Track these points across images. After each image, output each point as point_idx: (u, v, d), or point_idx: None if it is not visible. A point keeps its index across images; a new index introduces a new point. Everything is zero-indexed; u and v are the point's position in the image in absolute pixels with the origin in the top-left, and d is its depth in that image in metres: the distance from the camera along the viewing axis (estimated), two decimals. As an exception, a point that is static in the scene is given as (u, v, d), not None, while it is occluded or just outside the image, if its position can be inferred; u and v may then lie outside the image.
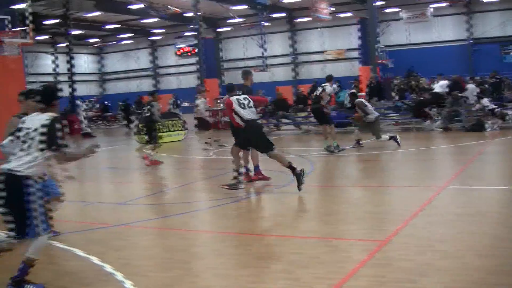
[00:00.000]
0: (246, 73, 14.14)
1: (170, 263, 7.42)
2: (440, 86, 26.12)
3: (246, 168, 13.38)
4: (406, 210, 9.55)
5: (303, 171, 12.00)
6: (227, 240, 8.48)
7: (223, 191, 12.30)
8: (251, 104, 12.50)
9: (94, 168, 19.02)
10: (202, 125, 23.82)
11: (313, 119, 22.56)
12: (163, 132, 22.83)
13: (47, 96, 6.90)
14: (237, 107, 12.33)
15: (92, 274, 7.16)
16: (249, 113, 12.35)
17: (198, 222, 10.07)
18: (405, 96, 32.23)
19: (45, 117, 6.64)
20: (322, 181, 14.14)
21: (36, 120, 6.63)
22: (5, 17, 21.41)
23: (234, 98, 12.49)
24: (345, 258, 7.17)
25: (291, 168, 12.04)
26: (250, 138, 12.46)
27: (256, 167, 13.48)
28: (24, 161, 6.48)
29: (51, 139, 6.54)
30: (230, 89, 13.26)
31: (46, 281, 6.98)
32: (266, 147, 12.32)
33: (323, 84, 18.50)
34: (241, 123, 12.35)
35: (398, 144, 18.73)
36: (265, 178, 13.45)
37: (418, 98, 27.04)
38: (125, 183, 15.80)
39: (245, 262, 7.32)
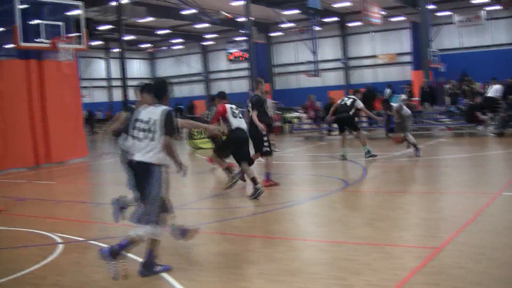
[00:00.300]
0: (258, 82, 14.60)
1: (222, 268, 7.45)
2: (494, 90, 25.71)
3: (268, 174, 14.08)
4: (460, 217, 9.44)
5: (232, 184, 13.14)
6: (279, 245, 8.46)
7: (275, 196, 12.32)
8: (240, 114, 13.28)
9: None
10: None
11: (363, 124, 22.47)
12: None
13: (158, 90, 7.55)
14: (229, 115, 12.95)
15: (145, 278, 7.23)
16: (237, 123, 13.00)
17: (249, 227, 10.08)
18: (457, 101, 31.81)
19: (162, 108, 7.29)
20: (374, 187, 14.05)
21: (154, 114, 7.28)
22: (60, 23, 21.79)
23: (228, 106, 13.09)
24: (398, 265, 7.11)
25: (232, 183, 13.25)
26: (231, 144, 13.18)
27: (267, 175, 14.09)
28: (150, 151, 7.18)
29: (167, 128, 7.16)
30: (222, 97, 13.88)
31: (97, 285, 7.07)
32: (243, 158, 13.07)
33: (350, 96, 18.52)
34: (226, 130, 13.08)
35: (417, 155, 18.13)
36: (274, 184, 14.05)
37: (470, 103, 26.70)
38: (177, 188, 15.88)
39: (296, 267, 7.30)
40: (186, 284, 6.80)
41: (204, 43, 65.52)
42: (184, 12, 44.45)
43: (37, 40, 21.27)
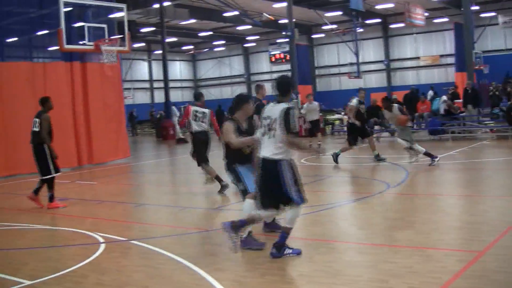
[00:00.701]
0: (258, 87, 14.59)
1: (263, 269, 7.43)
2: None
3: None
4: (503, 221, 9.33)
5: (226, 184, 13.79)
6: (320, 247, 8.42)
7: (316, 198, 12.28)
8: (205, 119, 14.18)
9: (187, 173, 19.27)
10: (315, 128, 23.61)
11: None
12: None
13: (283, 87, 7.99)
14: (190, 118, 14.08)
15: (186, 278, 7.25)
16: (197, 126, 14.12)
17: (290, 229, 10.05)
18: (500, 103, 31.35)
19: (282, 106, 7.74)
20: (415, 190, 13.94)
21: (275, 110, 7.76)
22: (103, 25, 22.00)
23: (193, 109, 14.15)
24: (440, 268, 7.02)
25: (218, 179, 14.11)
26: (194, 147, 14.43)
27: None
28: (273, 148, 7.71)
29: (287, 124, 7.58)
30: (196, 97, 14.77)
31: (138, 284, 7.12)
32: (200, 160, 14.32)
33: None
34: (189, 132, 14.36)
35: (413, 160, 17.51)
36: None
37: (508, 104, 26.35)
38: (216, 189, 15.93)
39: (338, 269, 7.26)
40: (228, 285, 6.80)
41: (246, 45, 65.71)
42: (226, 14, 44.63)
43: (80, 43, 21.53)
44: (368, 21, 51.51)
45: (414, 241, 8.52)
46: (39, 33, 23.33)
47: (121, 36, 22.76)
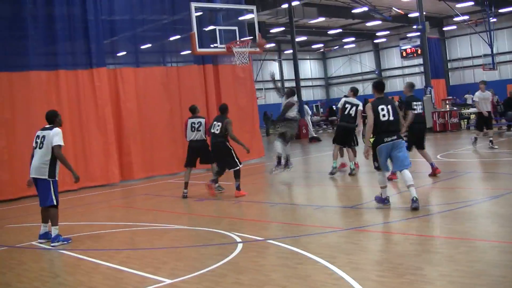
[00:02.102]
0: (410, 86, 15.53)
1: (401, 269, 7.28)
2: None
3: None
4: None
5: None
6: (461, 246, 8.16)
7: (454, 195, 11.97)
8: (200, 128, 15.73)
9: (320, 172, 19.23)
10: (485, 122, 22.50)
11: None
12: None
13: None
14: (188, 128, 15.83)
15: (323, 278, 7.19)
16: (192, 135, 15.76)
17: (429, 227, 9.81)
18: None
19: None
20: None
21: None
22: (234, 28, 22.29)
23: (190, 121, 15.90)
24: None
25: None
26: (189, 154, 15.96)
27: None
28: None
29: None
30: (191, 110, 16.21)
31: (276, 283, 7.11)
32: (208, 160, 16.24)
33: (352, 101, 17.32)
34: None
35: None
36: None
37: None
38: (353, 187, 15.81)
39: (480, 270, 6.98)
40: (367, 285, 6.70)
41: (376, 41, 65.04)
42: (355, 11, 44.38)
43: (212, 46, 21.92)
44: (501, 10, 49.74)
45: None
46: (172, 38, 24.01)
47: (252, 37, 22.99)
